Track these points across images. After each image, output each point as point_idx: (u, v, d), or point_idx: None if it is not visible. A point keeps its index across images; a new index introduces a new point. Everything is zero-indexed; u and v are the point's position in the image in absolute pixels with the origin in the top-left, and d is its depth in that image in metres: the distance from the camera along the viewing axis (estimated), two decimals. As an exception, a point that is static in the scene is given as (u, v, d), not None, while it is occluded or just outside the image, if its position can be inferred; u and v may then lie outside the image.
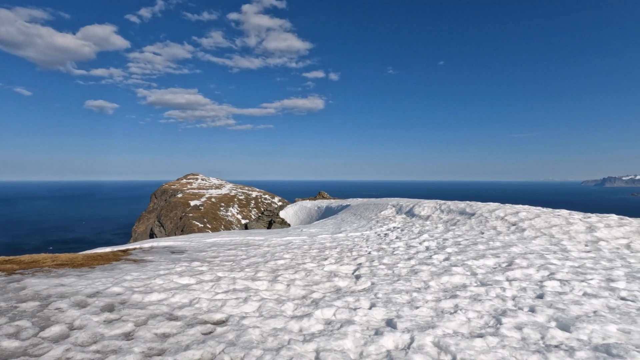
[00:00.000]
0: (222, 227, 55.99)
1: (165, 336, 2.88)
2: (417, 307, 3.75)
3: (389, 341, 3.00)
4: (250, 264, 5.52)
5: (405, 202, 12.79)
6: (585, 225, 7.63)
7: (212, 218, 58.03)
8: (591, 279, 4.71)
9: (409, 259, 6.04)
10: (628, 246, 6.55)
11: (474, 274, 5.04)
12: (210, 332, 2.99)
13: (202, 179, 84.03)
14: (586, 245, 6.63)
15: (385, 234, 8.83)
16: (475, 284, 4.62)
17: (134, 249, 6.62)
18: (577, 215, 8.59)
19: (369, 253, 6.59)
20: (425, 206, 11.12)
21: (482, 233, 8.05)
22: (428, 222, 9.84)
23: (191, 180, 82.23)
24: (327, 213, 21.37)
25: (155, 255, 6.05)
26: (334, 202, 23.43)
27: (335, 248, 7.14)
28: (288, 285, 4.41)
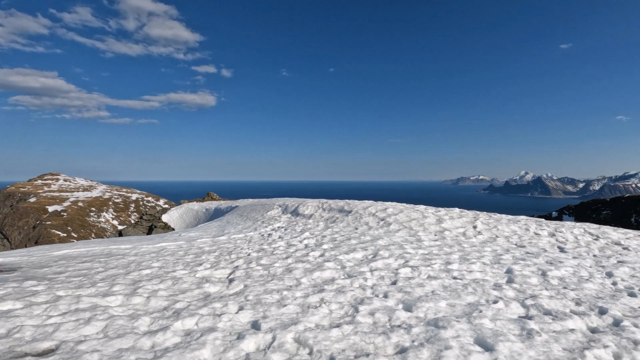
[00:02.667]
0: (93, 236, 48.24)
1: (-44, 382, 2.25)
2: (285, 305, 3.82)
3: (251, 344, 2.95)
4: (107, 277, 4.82)
5: (292, 202, 13.09)
6: (435, 217, 9.03)
7: (79, 225, 49.45)
8: (434, 264, 5.56)
9: (287, 257, 6.15)
10: (464, 234, 8.01)
11: (343, 267, 5.42)
12: (29, 367, 2.46)
13: (65, 180, 70.90)
14: (435, 235, 7.85)
15: (269, 234, 8.86)
16: (343, 277, 4.96)
17: (-62, 271, 5.09)
18: (430, 210, 10.13)
19: (249, 255, 6.48)
20: (309, 205, 11.59)
21: (357, 229, 8.79)
22: (311, 221, 10.27)
23: (49, 182, 68.55)
24: (216, 215, 20.43)
25: (-29, 276, 4.76)
26: (224, 204, 22.56)
27: (214, 252, 6.81)
28: (148, 297, 3.98)
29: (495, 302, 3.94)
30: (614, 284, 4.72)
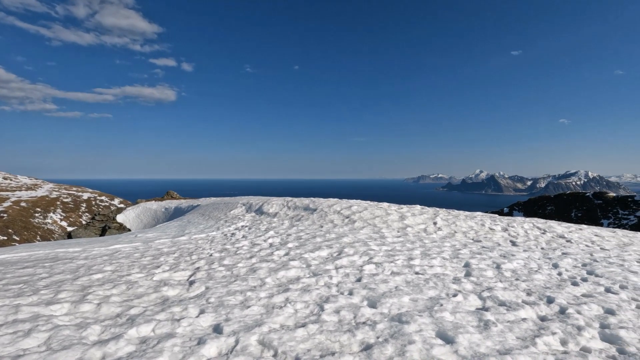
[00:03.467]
0: (39, 238, 44.53)
1: None
2: (249, 307, 3.71)
3: (212, 348, 2.83)
4: (52, 283, 4.43)
5: (256, 200, 12.85)
6: (398, 214, 9.26)
7: (22, 227, 45.42)
8: (398, 260, 5.68)
9: (251, 257, 6.01)
10: (425, 230, 8.28)
11: (309, 266, 5.38)
12: (-46, 388, 2.18)
13: (5, 178, 64.83)
14: (398, 232, 8.05)
15: (232, 234, 8.62)
16: (308, 275, 4.92)
17: None
18: (393, 207, 10.38)
19: (211, 255, 6.26)
20: (274, 204, 11.44)
21: (322, 226, 8.79)
22: (275, 219, 10.13)
23: (-14, 180, 62.29)
24: (176, 214, 19.64)
25: None
26: (184, 203, 21.75)
27: (174, 253, 6.50)
28: (99, 304, 3.70)
29: (454, 295, 4.08)
30: (560, 274, 5.09)
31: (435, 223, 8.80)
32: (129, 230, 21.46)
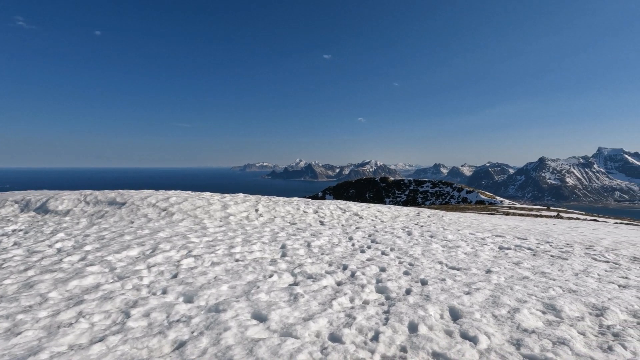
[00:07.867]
0: None
1: None
2: (19, 334, 2.88)
3: (-49, 403, 2.06)
4: None
5: (37, 196, 10.03)
6: (221, 204, 9.17)
7: None
8: (218, 249, 5.63)
9: (27, 269, 4.67)
10: (247, 217, 8.52)
11: (113, 269, 4.64)
12: None
13: None
14: (220, 221, 7.97)
15: (-4, 242, 6.45)
16: (112, 280, 4.24)
17: None
18: (216, 196, 10.20)
19: (-46, 275, 4.50)
20: (66, 199, 9.22)
21: (132, 222, 7.72)
22: (67, 218, 8.20)
23: None
24: None
25: None
26: None
27: None
28: None
29: (270, 276, 4.39)
30: (353, 245, 6.23)
31: (257, 210, 9.17)
32: None
